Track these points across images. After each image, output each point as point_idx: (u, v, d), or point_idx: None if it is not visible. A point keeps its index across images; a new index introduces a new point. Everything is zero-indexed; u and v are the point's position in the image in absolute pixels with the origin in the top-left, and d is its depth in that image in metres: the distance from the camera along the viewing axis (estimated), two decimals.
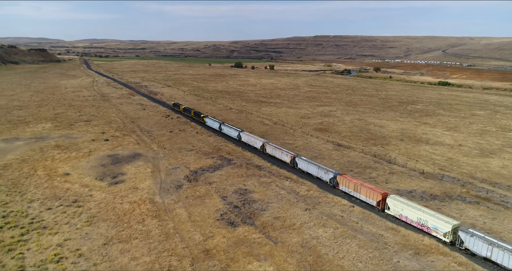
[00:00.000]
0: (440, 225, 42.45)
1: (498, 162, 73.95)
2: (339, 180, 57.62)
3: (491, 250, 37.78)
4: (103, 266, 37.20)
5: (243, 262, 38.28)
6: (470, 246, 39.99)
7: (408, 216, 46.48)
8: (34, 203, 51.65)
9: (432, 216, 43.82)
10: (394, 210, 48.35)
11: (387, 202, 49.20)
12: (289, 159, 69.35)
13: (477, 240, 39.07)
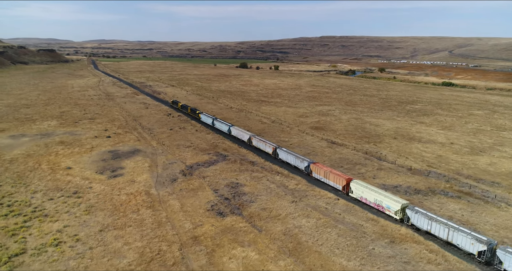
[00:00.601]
0: (392, 205, 47.86)
1: (486, 160, 75.83)
2: (312, 167, 63.30)
3: (431, 224, 43.14)
4: (98, 249, 40.23)
5: (227, 247, 41.06)
6: (414, 222, 45.25)
7: (367, 198, 52.04)
8: (37, 193, 54.97)
9: (386, 197, 49.27)
10: (356, 193, 53.90)
11: (351, 186, 54.94)
12: (271, 150, 75.54)
13: (420, 216, 44.41)
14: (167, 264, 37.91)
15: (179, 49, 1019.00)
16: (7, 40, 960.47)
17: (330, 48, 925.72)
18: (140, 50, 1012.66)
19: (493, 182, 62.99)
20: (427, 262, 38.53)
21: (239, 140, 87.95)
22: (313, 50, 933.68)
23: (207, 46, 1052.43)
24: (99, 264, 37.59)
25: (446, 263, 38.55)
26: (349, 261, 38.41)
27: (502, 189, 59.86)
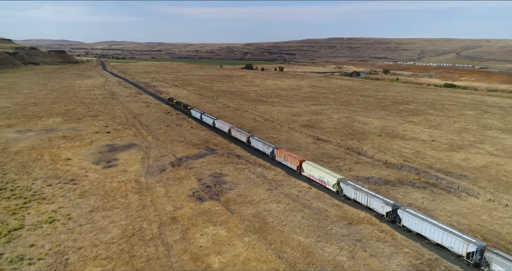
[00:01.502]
0: (331, 179, 57.30)
1: (461, 155, 79.70)
2: (275, 152, 72.97)
3: (356, 193, 52.86)
4: (86, 226, 45.59)
5: (201, 226, 46.11)
6: (345, 192, 54.91)
7: (314, 175, 61.40)
8: (38, 180, 60.72)
9: (327, 173, 58.51)
10: (306, 172, 63.29)
11: (302, 166, 64.16)
12: (245, 139, 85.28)
13: (349, 187, 54.01)
14: (145, 238, 43.07)
15: (187, 51, 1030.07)
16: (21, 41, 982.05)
17: (337, 50, 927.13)
18: (149, 51, 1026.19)
19: (461, 175, 67.01)
20: (376, 240, 43.07)
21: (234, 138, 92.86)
22: (320, 52, 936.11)
23: (215, 48, 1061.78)
24: (86, 238, 42.89)
25: (393, 240, 43.05)
26: (306, 238, 43.14)
27: (467, 181, 63.89)
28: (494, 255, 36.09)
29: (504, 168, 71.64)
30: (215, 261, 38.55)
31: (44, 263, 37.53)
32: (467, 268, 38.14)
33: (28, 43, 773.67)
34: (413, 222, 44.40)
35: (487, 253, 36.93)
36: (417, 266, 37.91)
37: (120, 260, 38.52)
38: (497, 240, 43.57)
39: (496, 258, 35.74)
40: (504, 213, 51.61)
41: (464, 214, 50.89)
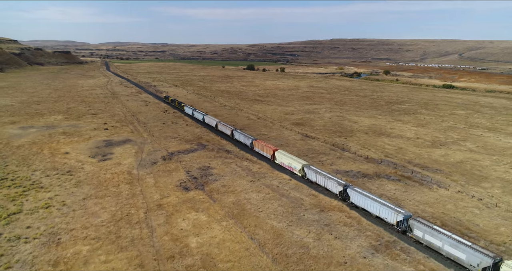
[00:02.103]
0: (297, 165, 64.35)
1: (441, 152, 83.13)
2: (254, 143, 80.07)
3: (316, 176, 59.64)
4: (79, 211, 49.74)
5: (184, 212, 50.11)
6: (308, 176, 61.86)
7: (284, 162, 68.54)
8: (37, 172, 65.05)
9: (294, 160, 65.63)
10: (278, 159, 70.58)
11: (275, 154, 71.45)
12: (229, 132, 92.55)
13: (311, 171, 60.93)
14: (132, 222, 47.14)
15: (191, 52, 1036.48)
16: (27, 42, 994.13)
17: (340, 51, 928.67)
18: (153, 52, 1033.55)
19: (437, 169, 70.50)
20: (343, 225, 46.83)
21: (223, 133, 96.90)
22: (323, 53, 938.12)
23: (218, 49, 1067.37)
24: (78, 221, 47.02)
25: (358, 225, 46.78)
26: (279, 223, 46.99)
27: (441, 175, 67.39)
28: (415, 222, 42.58)
29: (479, 163, 75.03)
30: (193, 241, 42.50)
31: (38, 242, 41.67)
32: (424, 250, 41.75)
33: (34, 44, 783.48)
34: (359, 198, 51.00)
35: (410, 220, 43.26)
36: (375, 247, 41.64)
37: (107, 240, 42.58)
38: (454, 225, 47.16)
39: (416, 224, 42.38)
40: (469, 203, 55.15)
41: (430, 204, 54.47)
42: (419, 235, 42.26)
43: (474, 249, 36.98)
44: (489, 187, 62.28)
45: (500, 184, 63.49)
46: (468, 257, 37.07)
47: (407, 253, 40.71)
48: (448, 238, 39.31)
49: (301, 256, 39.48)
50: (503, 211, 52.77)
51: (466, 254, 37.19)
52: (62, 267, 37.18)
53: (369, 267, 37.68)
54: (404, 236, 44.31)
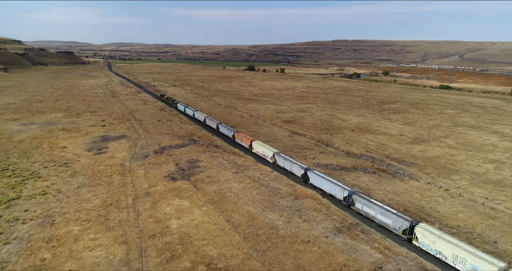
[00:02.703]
0: (269, 153, 72.36)
1: (421, 148, 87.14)
2: (235, 135, 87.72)
3: (284, 162, 67.42)
4: (73, 198, 54.25)
5: (169, 199, 54.51)
6: (278, 163, 69.54)
7: (259, 151, 76.57)
8: (36, 163, 69.68)
9: (267, 149, 73.69)
10: (255, 149, 78.33)
11: (252, 144, 79.53)
12: (215, 126, 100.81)
13: (280, 158, 68.64)
14: (120, 207, 51.59)
15: (194, 52, 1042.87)
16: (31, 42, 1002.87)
17: (342, 52, 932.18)
18: (156, 53, 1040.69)
19: (413, 163, 74.58)
20: (313, 210, 51.08)
21: (214, 129, 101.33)
22: (325, 54, 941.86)
23: (220, 50, 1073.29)
24: (71, 206, 51.51)
25: (327, 211, 51.02)
26: (255, 208, 51.30)
27: (415, 168, 71.47)
28: (357, 197, 50.08)
29: (454, 158, 79.03)
30: (174, 223, 46.89)
31: (34, 223, 46.18)
32: (382, 231, 45.88)
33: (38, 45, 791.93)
34: (316, 179, 58.29)
35: (353, 195, 50.55)
36: (338, 228, 45.86)
37: (96, 221, 47.04)
38: (416, 212, 51.30)
39: (357, 198, 49.82)
40: (435, 193, 59.24)
41: (399, 193, 58.62)
42: (359, 207, 49.66)
43: (397, 216, 43.95)
44: (458, 179, 66.31)
45: (469, 177, 67.50)
46: (393, 222, 44.09)
47: (367, 234, 44.91)
48: (379, 208, 46.25)
49: (270, 236, 43.77)
50: (465, 200, 56.82)
51: (392, 220, 44.22)
52: (54, 243, 41.62)
53: (329, 245, 41.91)
54: (368, 220, 48.43)
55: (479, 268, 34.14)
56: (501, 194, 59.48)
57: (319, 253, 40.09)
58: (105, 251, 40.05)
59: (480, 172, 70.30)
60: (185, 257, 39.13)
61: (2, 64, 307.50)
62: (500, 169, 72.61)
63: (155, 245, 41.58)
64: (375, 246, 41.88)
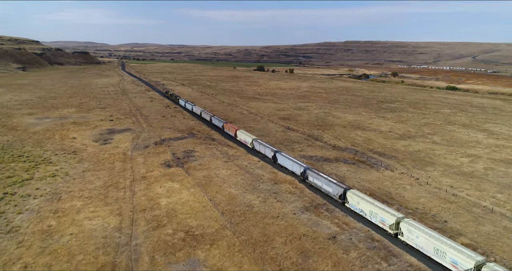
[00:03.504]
0: (248, 139, 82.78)
1: (405, 143, 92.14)
2: (224, 126, 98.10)
3: (260, 147, 77.92)
4: (78, 180, 61.54)
5: (162, 182, 61.32)
6: (256, 148, 79.83)
7: (242, 138, 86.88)
8: (48, 151, 77.49)
9: (248, 136, 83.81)
10: (239, 137, 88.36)
11: (237, 133, 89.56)
12: (208, 118, 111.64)
13: (257, 143, 79.21)
14: (119, 187, 58.61)
15: (206, 53, 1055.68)
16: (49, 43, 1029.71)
17: (354, 53, 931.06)
18: (169, 53, 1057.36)
19: (393, 156, 79.85)
20: (288, 193, 57.18)
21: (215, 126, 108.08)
22: (337, 54, 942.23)
23: (233, 50, 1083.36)
24: (76, 186, 58.74)
25: (300, 193, 57.05)
26: (236, 191, 57.68)
27: (394, 160, 76.78)
28: (309, 171, 60.00)
29: (434, 152, 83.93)
30: (164, 201, 53.64)
31: (44, 198, 53.51)
32: (345, 210, 51.67)
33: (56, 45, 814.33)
34: (282, 160, 68.63)
35: (307, 171, 60.45)
36: (306, 208, 51.88)
37: (97, 198, 54.12)
38: (381, 196, 56.88)
39: (310, 173, 59.71)
40: (405, 181, 64.64)
41: (371, 181, 64.21)
42: (311, 180, 59.59)
43: (336, 184, 54.26)
44: (431, 170, 71.43)
45: (442, 169, 72.53)
46: (333, 189, 54.35)
47: (331, 212, 50.84)
48: (324, 180, 56.31)
49: (245, 212, 50.11)
50: (431, 187, 62.09)
51: (332, 188, 54.43)
52: (60, 214, 48.78)
53: (295, 220, 48.00)
54: (337, 202, 54.27)
55: (386, 220, 44.74)
56: (467, 183, 64.51)
57: (284, 226, 46.24)
58: (102, 221, 46.99)
59: (454, 165, 75.20)
60: (168, 226, 45.78)
61: (21, 64, 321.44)
62: (475, 162, 77.34)
63: (145, 217, 48.37)
64: (335, 222, 47.81)
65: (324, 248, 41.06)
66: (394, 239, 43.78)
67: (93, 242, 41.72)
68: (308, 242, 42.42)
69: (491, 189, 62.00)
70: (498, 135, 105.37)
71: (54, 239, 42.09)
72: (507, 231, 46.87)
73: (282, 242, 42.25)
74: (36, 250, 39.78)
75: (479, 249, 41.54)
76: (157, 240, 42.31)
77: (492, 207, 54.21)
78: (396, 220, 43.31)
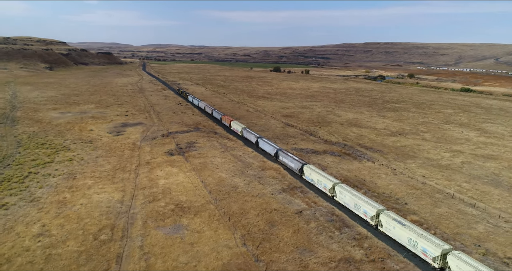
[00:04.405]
0: (239, 128, 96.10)
1: (395, 139, 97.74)
2: (222, 118, 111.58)
3: (247, 134, 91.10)
4: (91, 163, 70.87)
5: (163, 167, 69.85)
6: (244, 135, 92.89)
7: (234, 128, 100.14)
8: (68, 140, 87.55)
9: (239, 125, 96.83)
10: (233, 127, 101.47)
11: (231, 123, 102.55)
12: (210, 111, 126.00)
13: (246, 131, 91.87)
14: (125, 170, 67.51)
15: (226, 54, 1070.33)
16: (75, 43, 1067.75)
17: (373, 54, 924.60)
18: (189, 54, 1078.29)
19: (379, 150, 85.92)
20: (271, 178, 64.59)
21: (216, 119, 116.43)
22: (356, 56, 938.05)
23: (252, 51, 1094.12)
24: (89, 168, 68.00)
25: (282, 178, 64.38)
26: (226, 175, 65.54)
27: (378, 154, 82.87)
28: (280, 152, 73.34)
29: (419, 147, 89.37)
30: (162, 181, 62.06)
31: (61, 177, 62.89)
32: (316, 191, 58.67)
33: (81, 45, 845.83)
34: (263, 144, 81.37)
35: (279, 151, 73.86)
36: (284, 189, 59.18)
37: (105, 178, 63.10)
38: (355, 182, 63.48)
39: (280, 153, 72.88)
40: (382, 171, 70.90)
41: (351, 170, 70.82)
42: (281, 159, 72.45)
43: (297, 161, 66.55)
44: (410, 162, 77.29)
45: (421, 161, 78.24)
46: (295, 165, 67.10)
47: (304, 193, 57.99)
48: (290, 157, 69.29)
49: (229, 191, 57.91)
50: (405, 177, 68.19)
51: (294, 164, 67.21)
52: (74, 189, 57.88)
53: (271, 198, 55.43)
54: (310, 185, 61.31)
55: (327, 185, 57.15)
56: (439, 174, 70.22)
57: (260, 203, 53.78)
58: (108, 195, 55.78)
59: (434, 158, 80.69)
60: (162, 200, 54.11)
61: (48, 63, 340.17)
62: (455, 157, 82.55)
63: (144, 193, 56.89)
64: (306, 201, 54.98)
65: (289, 220, 48.37)
66: (351, 214, 50.60)
67: (98, 210, 50.44)
68: (277, 215, 49.82)
69: (460, 179, 67.57)
70: (491, 134, 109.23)
71: (67, 207, 51.05)
72: (459, 213, 52.87)
73: (255, 214, 49.82)
74: (52, 214, 48.78)
75: (424, 225, 47.92)
76: (151, 210, 50.66)
77: (453, 193, 60.04)
78: (333, 184, 55.44)
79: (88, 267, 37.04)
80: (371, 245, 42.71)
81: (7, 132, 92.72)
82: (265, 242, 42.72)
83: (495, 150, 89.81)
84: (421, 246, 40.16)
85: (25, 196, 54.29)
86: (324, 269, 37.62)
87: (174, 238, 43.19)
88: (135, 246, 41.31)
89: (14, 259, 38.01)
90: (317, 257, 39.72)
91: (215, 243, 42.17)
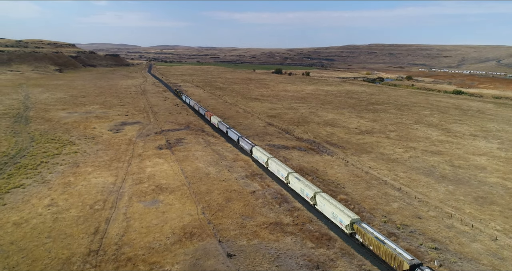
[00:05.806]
0: (216, 121, 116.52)
1: (361, 137, 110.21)
2: (205, 114, 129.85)
3: (221, 126, 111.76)
4: (93, 155, 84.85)
5: (152, 158, 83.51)
6: (219, 127, 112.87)
7: (214, 122, 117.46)
8: (73, 137, 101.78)
9: (216, 119, 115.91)
10: (212, 120, 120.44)
11: (211, 118, 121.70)
12: (197, 108, 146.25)
13: (220, 124, 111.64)
14: (120, 161, 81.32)
15: (232, 55, 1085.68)
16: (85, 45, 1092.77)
17: (377, 56, 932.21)
18: (196, 55, 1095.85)
19: (341, 146, 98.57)
20: (239, 167, 77.81)
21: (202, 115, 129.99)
22: (360, 58, 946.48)
23: (257, 53, 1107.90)
24: (91, 159, 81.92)
25: (248, 167, 77.56)
26: (202, 165, 78.95)
27: (339, 149, 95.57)
28: (241, 138, 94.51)
29: (379, 144, 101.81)
30: (149, 169, 75.64)
31: (67, 165, 76.85)
32: (272, 177, 71.64)
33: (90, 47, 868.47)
34: (231, 134, 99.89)
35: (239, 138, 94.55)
36: (247, 176, 72.38)
37: (103, 167, 76.92)
38: (307, 171, 76.39)
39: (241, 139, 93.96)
40: (336, 163, 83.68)
41: (309, 162, 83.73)
42: (241, 144, 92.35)
43: (249, 143, 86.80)
44: (364, 156, 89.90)
45: (375, 156, 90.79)
46: (247, 147, 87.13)
47: (263, 179, 71.10)
48: (245, 142, 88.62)
49: (202, 177, 71.30)
50: (355, 168, 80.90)
51: (247, 146, 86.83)
52: (77, 175, 71.76)
53: (234, 182, 68.64)
54: (270, 173, 74.32)
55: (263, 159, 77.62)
56: (384, 166, 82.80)
57: (224, 185, 67.09)
58: (103, 179, 69.54)
59: (387, 153, 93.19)
60: (146, 183, 67.68)
61: (58, 66, 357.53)
62: (406, 152, 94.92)
63: (132, 178, 70.54)
64: (262, 184, 68.13)
65: (243, 197, 61.61)
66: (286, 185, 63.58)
67: (95, 189, 64.19)
68: (235, 194, 63.09)
69: (400, 169, 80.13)
70: (453, 133, 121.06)
71: (71, 187, 64.89)
72: (383, 195, 65.57)
73: (217, 193, 63.16)
74: (59, 191, 62.62)
75: (349, 202, 60.76)
76: (136, 190, 64.28)
77: (387, 180, 72.69)
78: (267, 158, 75.41)
79: (84, 225, 50.68)
80: (300, 214, 55.76)
81: (22, 129, 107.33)
82: (219, 212, 56.01)
83: (446, 147, 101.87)
84: (339, 218, 52.81)
85: (38, 179, 68.21)
86: (257, 229, 50.77)
87: (150, 208, 56.71)
88: (120, 213, 54.91)
89: (31, 220, 51.80)
90: (255, 221, 52.90)
91: (181, 212, 55.59)
